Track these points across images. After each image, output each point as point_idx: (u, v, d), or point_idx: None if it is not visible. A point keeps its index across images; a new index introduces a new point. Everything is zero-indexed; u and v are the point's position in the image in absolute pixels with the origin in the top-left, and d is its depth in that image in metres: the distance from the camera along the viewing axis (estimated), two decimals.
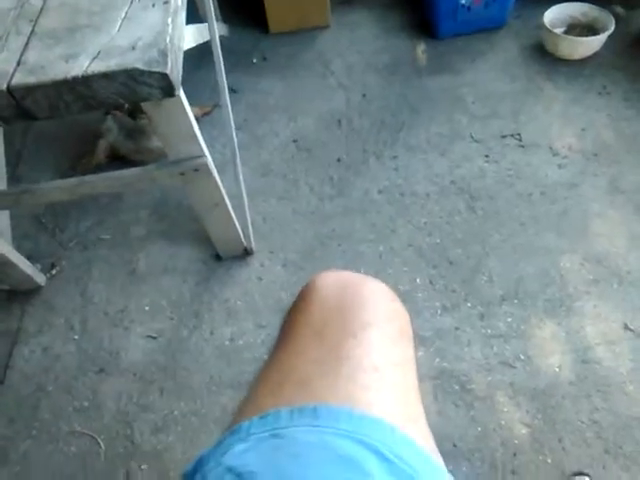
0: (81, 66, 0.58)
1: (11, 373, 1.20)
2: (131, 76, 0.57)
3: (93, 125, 1.53)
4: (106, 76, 0.57)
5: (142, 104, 0.93)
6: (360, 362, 0.37)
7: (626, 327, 1.13)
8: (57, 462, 1.09)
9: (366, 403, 0.34)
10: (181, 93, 0.80)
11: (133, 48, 0.59)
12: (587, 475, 0.96)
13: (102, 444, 1.09)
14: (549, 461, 0.99)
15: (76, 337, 1.25)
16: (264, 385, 0.39)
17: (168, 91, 0.58)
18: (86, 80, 0.57)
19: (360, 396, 0.34)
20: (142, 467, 1.06)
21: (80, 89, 0.58)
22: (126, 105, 1.38)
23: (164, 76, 0.57)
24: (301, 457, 0.30)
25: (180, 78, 0.61)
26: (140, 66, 0.57)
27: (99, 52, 0.59)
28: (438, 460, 0.36)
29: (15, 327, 1.27)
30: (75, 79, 0.57)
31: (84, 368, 1.20)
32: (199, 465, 0.33)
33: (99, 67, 0.57)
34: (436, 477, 0.33)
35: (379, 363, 0.37)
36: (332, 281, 0.45)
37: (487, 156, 1.45)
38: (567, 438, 1.01)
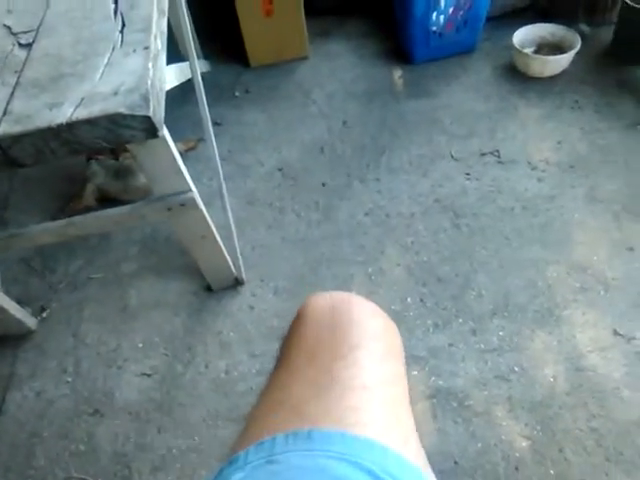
0: (65, 114, 0.60)
1: (4, 420, 1.18)
2: (114, 121, 0.59)
3: (78, 167, 1.54)
4: (90, 122, 0.59)
5: (128, 145, 0.95)
6: (350, 383, 0.38)
7: (616, 333, 1.14)
8: None
9: (357, 423, 0.35)
10: (165, 132, 0.82)
11: (115, 94, 0.61)
12: None
13: None
14: (552, 472, 0.99)
15: (69, 380, 1.23)
16: (259, 414, 0.40)
17: (151, 132, 0.60)
18: (70, 127, 0.59)
19: (351, 416, 0.35)
20: None
21: (65, 136, 0.59)
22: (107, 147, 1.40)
23: (147, 119, 0.59)
24: None
25: (162, 119, 0.63)
26: (123, 111, 0.59)
27: (82, 99, 0.61)
28: (430, 477, 0.36)
29: (7, 372, 1.25)
30: (60, 126, 0.59)
31: (79, 411, 1.18)
32: None
33: (83, 114, 0.59)
34: None
35: (368, 382, 0.38)
36: (322, 303, 0.47)
37: (468, 174, 1.49)
38: (568, 448, 1.01)
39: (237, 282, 1.33)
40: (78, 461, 1.11)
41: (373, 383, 0.39)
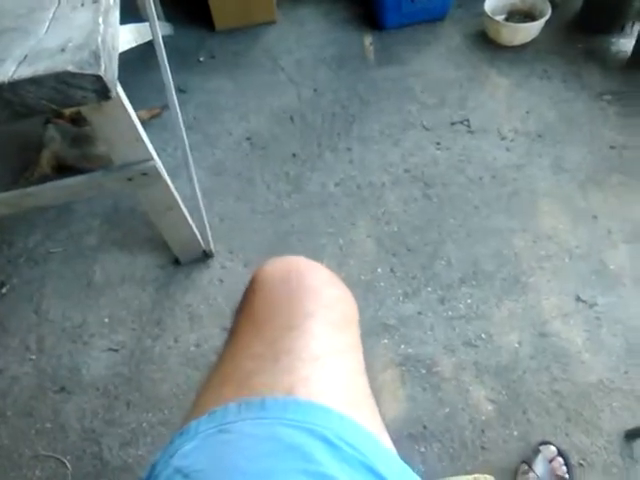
0: (7, 72, 0.55)
1: None
2: (62, 80, 0.54)
3: (35, 135, 1.46)
4: (34, 81, 0.54)
5: (81, 109, 0.90)
6: (300, 354, 0.37)
7: (578, 299, 1.18)
8: None
9: (307, 393, 0.34)
10: (121, 94, 0.77)
11: (63, 50, 0.56)
12: (552, 444, 1.00)
13: (69, 465, 1.06)
14: (515, 434, 1.03)
15: (33, 357, 1.19)
16: (210, 384, 0.39)
17: (103, 93, 0.56)
18: (13, 86, 0.54)
19: (300, 387, 0.34)
20: None
21: (7, 96, 0.55)
22: (67, 112, 1.33)
23: (98, 78, 0.55)
24: (247, 450, 0.30)
25: (116, 79, 0.59)
26: (71, 69, 0.54)
27: (26, 56, 0.56)
28: (387, 442, 0.36)
29: None
30: (1, 86, 0.54)
31: (44, 388, 1.15)
32: (152, 470, 0.33)
33: (26, 72, 0.54)
34: (385, 459, 0.33)
35: (319, 352, 0.37)
36: (275, 271, 0.45)
37: (438, 143, 1.48)
38: (531, 410, 1.05)
39: (206, 255, 1.30)
40: (45, 439, 1.09)
41: (324, 353, 0.38)
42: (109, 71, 0.57)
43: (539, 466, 0.96)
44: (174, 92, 1.22)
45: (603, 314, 1.15)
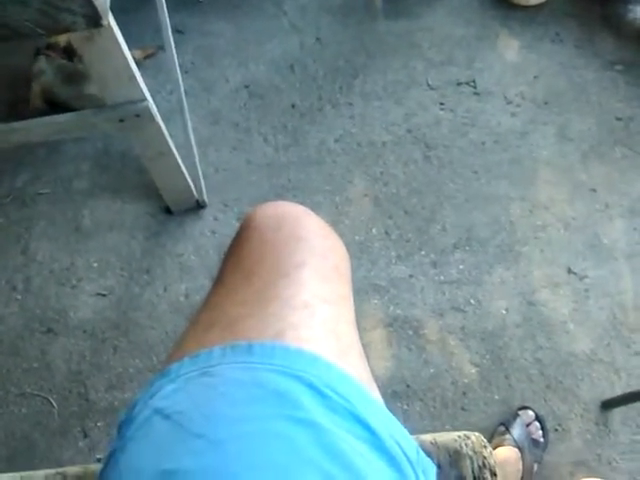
0: None
1: None
2: (48, 1, 0.50)
3: (24, 70, 1.38)
4: (19, 0, 0.50)
5: (73, 40, 0.85)
6: (289, 301, 0.36)
7: (570, 270, 1.18)
8: (9, 424, 1.06)
9: (295, 339, 0.33)
10: (113, 26, 0.72)
11: None
12: (530, 409, 1.03)
13: (55, 404, 1.07)
14: (496, 397, 1.05)
15: (19, 297, 1.19)
16: (194, 328, 0.38)
17: (93, 19, 0.52)
18: None
19: (289, 333, 0.33)
20: (98, 424, 1.05)
21: None
22: (61, 43, 1.25)
23: (87, 1, 0.51)
24: (231, 395, 0.29)
25: (107, 6, 0.54)
26: None
27: None
28: (374, 392, 0.36)
29: None
30: None
31: (31, 328, 1.15)
32: (130, 411, 0.32)
33: None
34: (373, 409, 0.33)
35: (309, 300, 0.37)
36: (268, 218, 0.44)
37: (442, 104, 1.43)
38: (513, 376, 1.07)
39: (199, 205, 1.28)
40: (32, 378, 1.10)
41: (314, 302, 0.37)
42: None
43: (516, 429, 0.99)
44: (171, 32, 1.16)
45: (592, 287, 1.16)
